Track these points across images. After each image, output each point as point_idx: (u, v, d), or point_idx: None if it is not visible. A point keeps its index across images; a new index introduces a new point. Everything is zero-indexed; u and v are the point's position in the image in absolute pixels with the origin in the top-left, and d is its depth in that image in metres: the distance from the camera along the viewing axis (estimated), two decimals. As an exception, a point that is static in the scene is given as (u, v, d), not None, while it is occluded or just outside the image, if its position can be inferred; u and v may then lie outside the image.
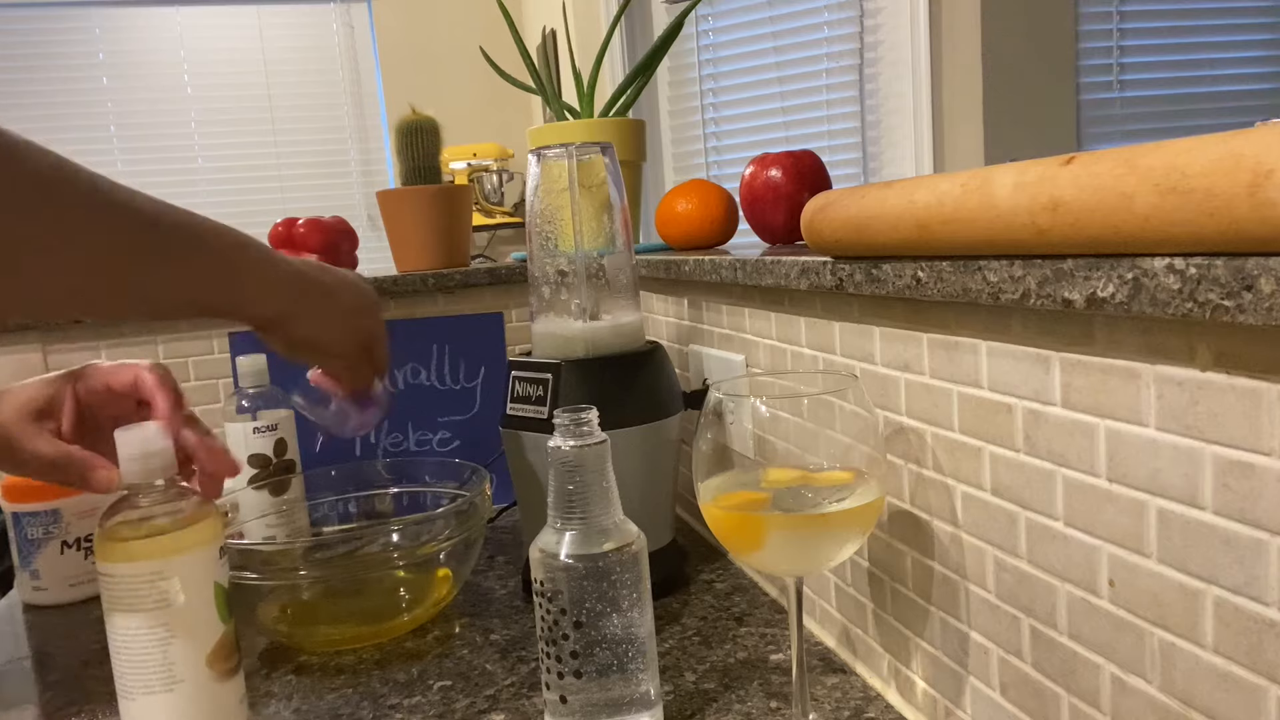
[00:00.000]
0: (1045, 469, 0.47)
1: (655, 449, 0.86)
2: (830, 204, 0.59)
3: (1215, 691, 0.38)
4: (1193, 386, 0.38)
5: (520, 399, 0.86)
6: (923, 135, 2.41)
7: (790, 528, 0.54)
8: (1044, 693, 0.50)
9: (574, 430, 0.59)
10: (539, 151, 0.86)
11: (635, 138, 1.18)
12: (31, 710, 0.76)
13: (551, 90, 1.23)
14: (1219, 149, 0.32)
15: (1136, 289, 0.37)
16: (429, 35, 3.21)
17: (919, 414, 0.59)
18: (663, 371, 0.88)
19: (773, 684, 0.69)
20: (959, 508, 0.55)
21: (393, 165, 2.78)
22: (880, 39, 2.47)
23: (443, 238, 1.36)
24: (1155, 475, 0.40)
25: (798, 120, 2.59)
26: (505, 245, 3.06)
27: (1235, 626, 0.37)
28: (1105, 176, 0.37)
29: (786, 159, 0.89)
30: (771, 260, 0.73)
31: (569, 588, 0.59)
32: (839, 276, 0.61)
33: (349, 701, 0.72)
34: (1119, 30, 2.55)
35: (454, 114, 1.79)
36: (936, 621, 0.59)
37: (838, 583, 0.73)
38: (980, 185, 0.44)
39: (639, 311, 0.89)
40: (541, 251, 0.88)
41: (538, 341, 0.89)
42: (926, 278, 0.51)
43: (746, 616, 0.81)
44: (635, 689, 0.60)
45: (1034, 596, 0.50)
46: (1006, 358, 0.50)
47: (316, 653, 0.81)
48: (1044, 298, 0.42)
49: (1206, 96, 2.63)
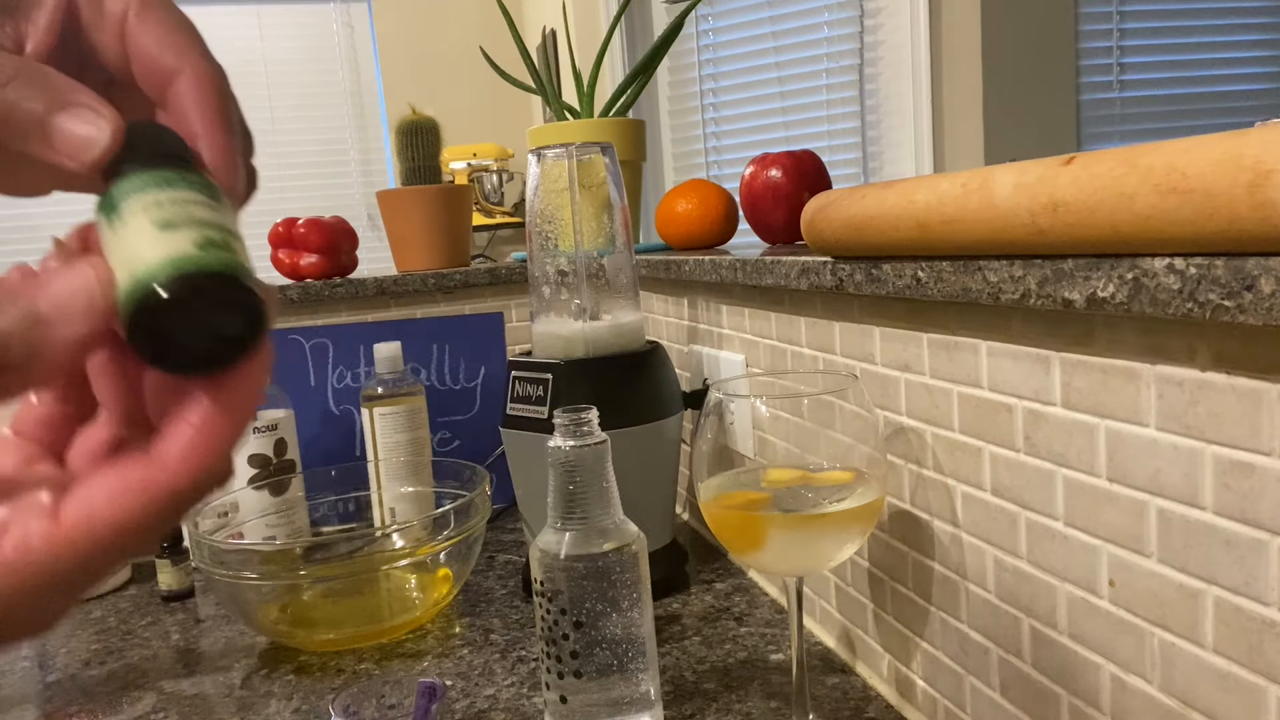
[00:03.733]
0: (1045, 469, 0.47)
1: (655, 449, 0.86)
2: (830, 204, 0.59)
3: (1215, 691, 0.38)
4: (1193, 386, 0.38)
5: (520, 399, 0.86)
6: (923, 135, 2.41)
7: (790, 528, 0.54)
8: (1044, 693, 0.50)
9: (574, 430, 0.59)
10: (539, 151, 0.86)
11: (635, 138, 1.18)
12: (31, 710, 0.76)
13: (551, 90, 1.23)
14: (1219, 149, 0.32)
15: (1136, 289, 0.37)
16: (429, 35, 3.21)
17: (919, 414, 0.59)
18: (663, 371, 0.88)
19: (773, 684, 0.69)
20: (959, 508, 0.55)
21: (393, 165, 2.78)
22: (880, 39, 2.47)
23: (443, 238, 1.36)
24: (1155, 475, 0.40)
25: (798, 120, 2.59)
26: (505, 245, 3.06)
27: (1235, 626, 0.37)
28: (1105, 176, 0.37)
29: (786, 159, 0.89)
30: (771, 260, 0.73)
31: (569, 588, 0.59)
32: (839, 276, 0.61)
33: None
34: (1119, 30, 2.55)
35: (454, 114, 1.79)
36: (936, 621, 0.59)
37: (838, 583, 0.73)
38: (980, 185, 0.44)
39: (639, 311, 0.89)
40: (541, 251, 0.88)
41: (538, 341, 0.89)
42: (926, 278, 0.51)
43: (746, 616, 0.81)
44: (635, 689, 0.60)
45: (1034, 596, 0.50)
46: (1007, 358, 0.50)
47: (316, 653, 0.81)
48: (1044, 298, 0.42)
49: (1206, 96, 2.63)
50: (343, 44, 3.25)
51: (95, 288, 0.26)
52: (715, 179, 2.22)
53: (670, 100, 2.74)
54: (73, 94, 0.28)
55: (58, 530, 0.26)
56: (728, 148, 2.70)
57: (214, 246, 0.26)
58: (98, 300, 0.26)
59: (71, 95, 0.28)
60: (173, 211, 0.26)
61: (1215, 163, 0.32)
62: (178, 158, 0.28)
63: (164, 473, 0.27)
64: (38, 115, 0.28)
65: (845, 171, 2.54)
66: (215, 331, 0.26)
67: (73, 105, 0.28)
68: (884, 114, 2.50)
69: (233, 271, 0.26)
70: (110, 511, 0.27)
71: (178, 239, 0.26)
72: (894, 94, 2.47)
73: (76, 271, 0.26)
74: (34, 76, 0.28)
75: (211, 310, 0.26)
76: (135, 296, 0.25)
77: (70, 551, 0.26)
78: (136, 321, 0.25)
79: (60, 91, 0.28)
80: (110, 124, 0.28)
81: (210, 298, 0.25)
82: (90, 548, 0.27)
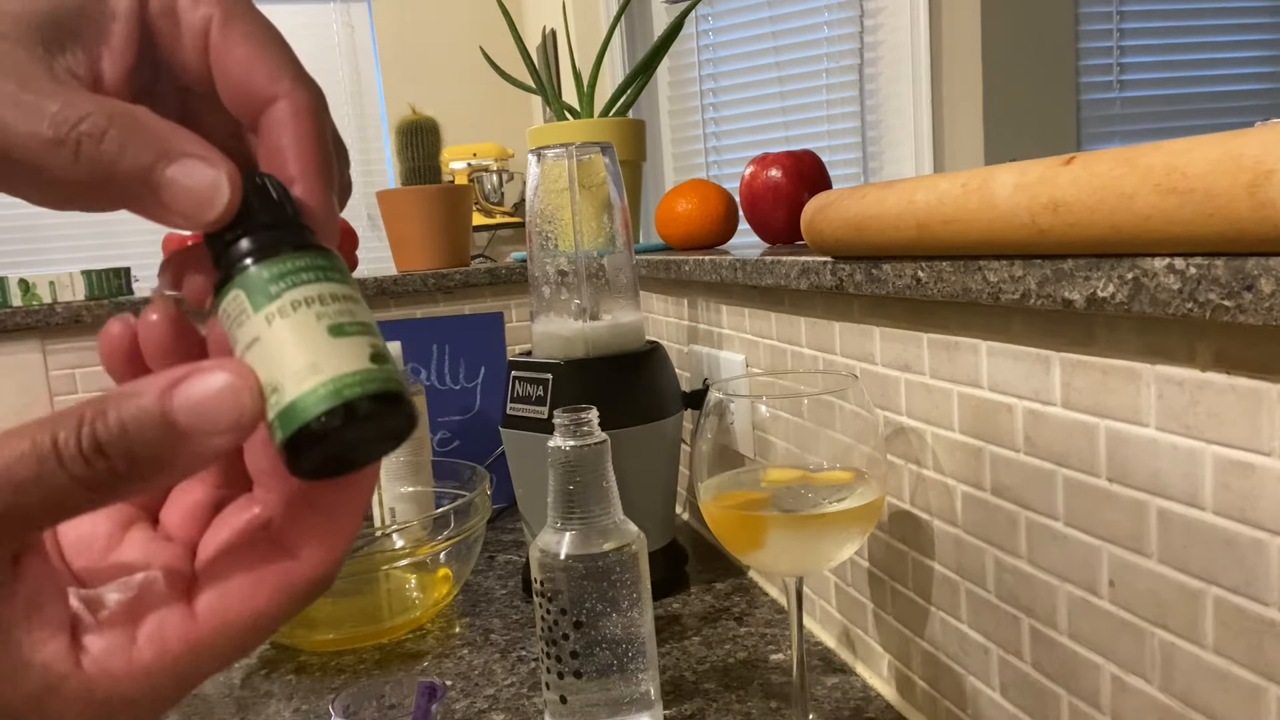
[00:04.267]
0: (1045, 469, 0.47)
1: (655, 449, 0.86)
2: (830, 204, 0.59)
3: (1215, 691, 0.38)
4: (1193, 386, 0.38)
5: (520, 399, 0.86)
6: (923, 135, 2.41)
7: (790, 528, 0.54)
8: (1044, 693, 0.50)
9: (574, 430, 0.59)
10: (539, 151, 0.86)
11: (635, 138, 1.18)
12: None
13: (551, 90, 1.23)
14: (1219, 149, 0.32)
15: (1136, 289, 0.37)
16: (429, 35, 3.21)
17: (919, 414, 0.59)
18: (663, 371, 0.88)
19: (773, 684, 0.69)
20: (959, 508, 0.55)
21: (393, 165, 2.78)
22: (880, 39, 2.47)
23: (443, 238, 1.36)
24: (1155, 475, 0.40)
25: (798, 120, 2.59)
26: (505, 245, 3.06)
27: (1235, 626, 0.37)
28: (1105, 176, 0.37)
29: (786, 159, 0.89)
30: (771, 260, 0.73)
31: (569, 588, 0.59)
32: (839, 276, 0.61)
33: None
34: (1119, 30, 2.55)
35: (454, 114, 1.79)
36: (936, 621, 0.59)
37: (838, 583, 0.73)
38: (980, 185, 0.44)
39: (639, 311, 0.89)
40: (541, 251, 0.88)
41: (538, 341, 0.89)
42: (927, 278, 0.51)
43: (746, 616, 0.81)
44: (635, 689, 0.60)
45: (1034, 596, 0.49)
46: (1007, 358, 0.50)
47: (316, 653, 0.81)
48: (1044, 298, 0.42)
49: (1206, 96, 2.63)
50: (343, 44, 3.25)
51: (246, 401, 0.22)
52: (715, 179, 2.22)
53: (670, 100, 2.74)
54: (180, 143, 0.24)
55: (195, 626, 0.24)
56: (728, 148, 2.70)
57: (383, 360, 0.23)
58: (248, 415, 0.22)
59: (179, 144, 0.24)
60: (336, 311, 0.23)
61: (1215, 163, 0.32)
62: (293, 224, 0.25)
63: (303, 564, 0.25)
64: (143, 171, 0.24)
65: (845, 171, 2.54)
66: (377, 454, 0.24)
67: (182, 156, 0.24)
68: (884, 114, 2.50)
69: (400, 389, 0.23)
70: (248, 605, 0.24)
71: (349, 352, 0.23)
72: (894, 94, 2.47)
73: (216, 377, 0.22)
74: (130, 124, 0.24)
75: (379, 435, 0.23)
76: (301, 420, 0.22)
77: (206, 649, 0.24)
78: (296, 442, 0.22)
79: (165, 140, 0.24)
80: (228, 178, 0.24)
81: (379, 422, 0.23)
82: (226, 644, 0.24)
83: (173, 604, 0.24)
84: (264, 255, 0.24)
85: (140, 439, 0.22)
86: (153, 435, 0.22)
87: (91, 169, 0.23)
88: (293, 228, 0.25)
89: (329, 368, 0.22)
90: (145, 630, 0.23)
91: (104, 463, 0.21)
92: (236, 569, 0.24)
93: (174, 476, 0.23)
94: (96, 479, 0.21)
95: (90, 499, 0.22)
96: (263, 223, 0.24)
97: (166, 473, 0.22)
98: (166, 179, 0.24)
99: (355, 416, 0.22)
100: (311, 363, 0.22)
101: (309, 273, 0.24)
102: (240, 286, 0.24)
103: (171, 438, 0.22)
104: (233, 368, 0.23)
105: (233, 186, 0.24)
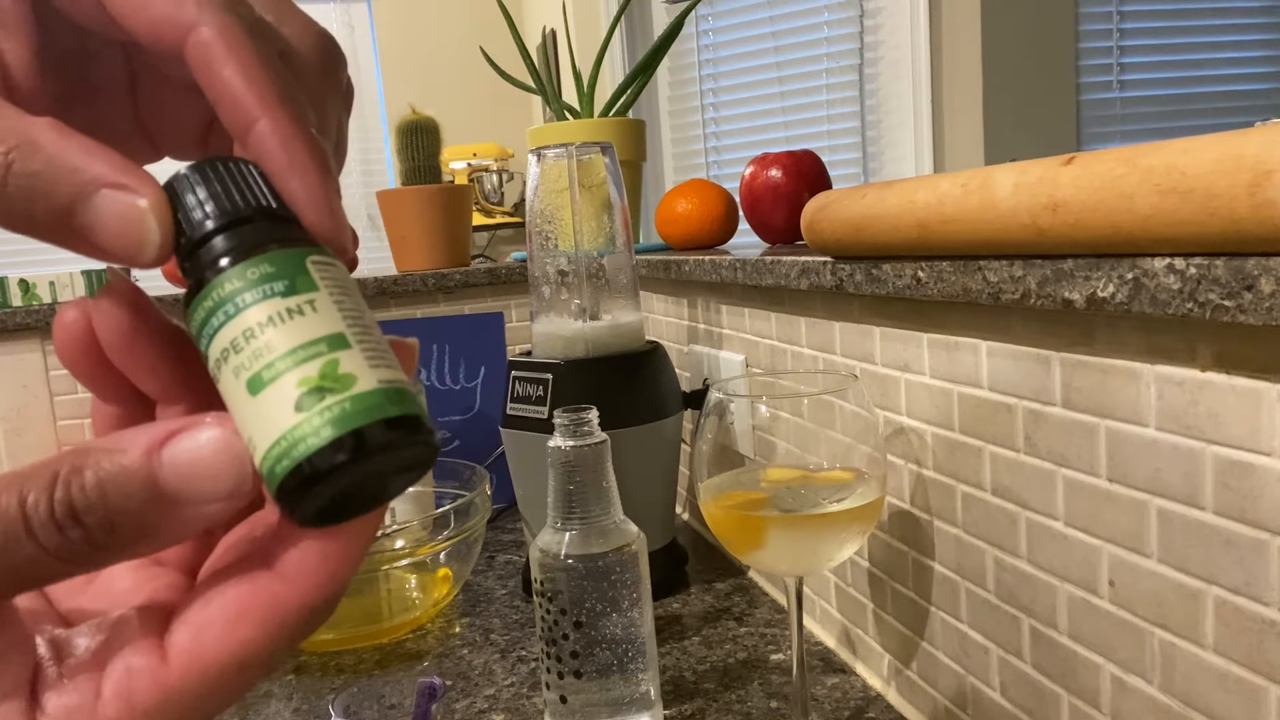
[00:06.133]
0: (1045, 469, 0.47)
1: (655, 449, 0.86)
2: (830, 204, 0.59)
3: (1215, 691, 0.38)
4: (1193, 386, 0.38)
5: (520, 399, 0.86)
6: (923, 135, 2.41)
7: (790, 528, 0.54)
8: (1044, 693, 0.50)
9: (574, 430, 0.59)
10: (539, 151, 0.86)
11: (635, 138, 1.18)
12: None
13: (551, 90, 1.23)
14: (1219, 149, 0.32)
15: (1136, 289, 0.37)
16: (429, 35, 3.21)
17: (919, 414, 0.59)
18: (663, 371, 0.88)
19: (773, 684, 0.69)
20: (959, 508, 0.55)
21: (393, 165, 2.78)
22: (880, 39, 2.47)
23: (443, 238, 1.36)
24: (1155, 475, 0.40)
25: (798, 120, 2.59)
26: (505, 245, 3.06)
27: (1235, 626, 0.37)
28: (1105, 176, 0.37)
29: (786, 159, 0.89)
30: (771, 260, 0.73)
31: (569, 588, 0.59)
32: (839, 276, 0.61)
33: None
34: (1119, 30, 2.54)
35: (454, 114, 1.79)
36: (936, 621, 0.59)
37: (838, 583, 0.73)
38: (980, 185, 0.44)
39: (639, 311, 0.89)
40: (541, 251, 0.88)
41: (538, 341, 0.89)
42: (927, 278, 0.51)
43: (746, 616, 0.81)
44: (635, 689, 0.60)
45: (1034, 596, 0.49)
46: (1007, 358, 0.50)
47: (316, 653, 0.81)
48: (1044, 298, 0.42)
49: (1206, 96, 2.63)
50: (342, 44, 3.23)
51: (245, 457, 0.19)
52: (715, 179, 2.22)
53: (670, 100, 2.74)
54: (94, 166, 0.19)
55: (166, 671, 0.19)
56: (728, 148, 2.69)
57: (399, 388, 0.20)
58: (250, 480, 0.19)
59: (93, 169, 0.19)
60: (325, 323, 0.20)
61: (1215, 163, 0.32)
62: (265, 213, 0.21)
63: (295, 587, 0.20)
64: (60, 213, 0.19)
65: (845, 171, 2.54)
66: (395, 490, 0.20)
67: (101, 186, 0.19)
68: (884, 114, 2.50)
69: (418, 412, 0.20)
70: (229, 641, 0.20)
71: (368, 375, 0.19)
72: (894, 94, 2.47)
73: (210, 434, 0.19)
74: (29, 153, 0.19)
75: (391, 472, 0.20)
76: (294, 463, 0.19)
77: (182, 699, 0.19)
78: (294, 483, 0.19)
79: (77, 169, 0.19)
80: (153, 208, 0.19)
81: (391, 453, 0.19)
82: (204, 689, 0.20)
83: (142, 646, 0.20)
84: (236, 259, 0.20)
85: (121, 506, 0.18)
86: (137, 502, 0.18)
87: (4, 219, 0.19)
88: (264, 220, 0.21)
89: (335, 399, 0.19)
90: (111, 681, 0.19)
91: (79, 531, 0.18)
92: (217, 597, 0.20)
93: (160, 546, 0.20)
94: (71, 549, 0.18)
95: (64, 570, 0.18)
96: (223, 225, 0.20)
97: (151, 543, 0.19)
98: (88, 222, 0.19)
99: (366, 447, 0.19)
100: (292, 412, 0.19)
101: (280, 281, 0.20)
102: (211, 296, 0.20)
103: (159, 505, 0.19)
104: (222, 422, 0.19)
105: (159, 218, 0.20)
